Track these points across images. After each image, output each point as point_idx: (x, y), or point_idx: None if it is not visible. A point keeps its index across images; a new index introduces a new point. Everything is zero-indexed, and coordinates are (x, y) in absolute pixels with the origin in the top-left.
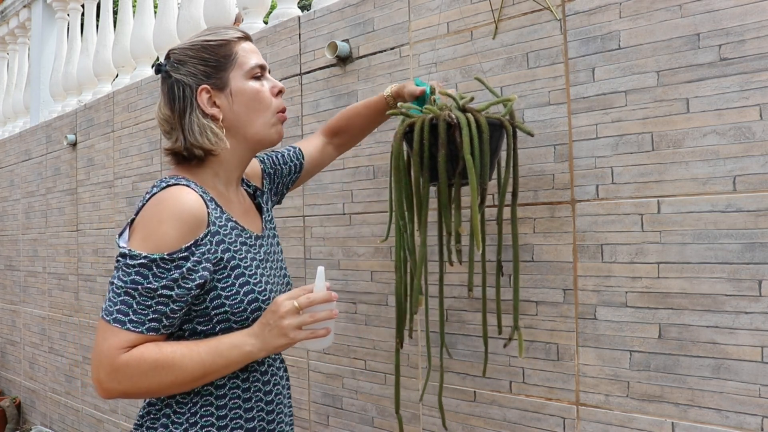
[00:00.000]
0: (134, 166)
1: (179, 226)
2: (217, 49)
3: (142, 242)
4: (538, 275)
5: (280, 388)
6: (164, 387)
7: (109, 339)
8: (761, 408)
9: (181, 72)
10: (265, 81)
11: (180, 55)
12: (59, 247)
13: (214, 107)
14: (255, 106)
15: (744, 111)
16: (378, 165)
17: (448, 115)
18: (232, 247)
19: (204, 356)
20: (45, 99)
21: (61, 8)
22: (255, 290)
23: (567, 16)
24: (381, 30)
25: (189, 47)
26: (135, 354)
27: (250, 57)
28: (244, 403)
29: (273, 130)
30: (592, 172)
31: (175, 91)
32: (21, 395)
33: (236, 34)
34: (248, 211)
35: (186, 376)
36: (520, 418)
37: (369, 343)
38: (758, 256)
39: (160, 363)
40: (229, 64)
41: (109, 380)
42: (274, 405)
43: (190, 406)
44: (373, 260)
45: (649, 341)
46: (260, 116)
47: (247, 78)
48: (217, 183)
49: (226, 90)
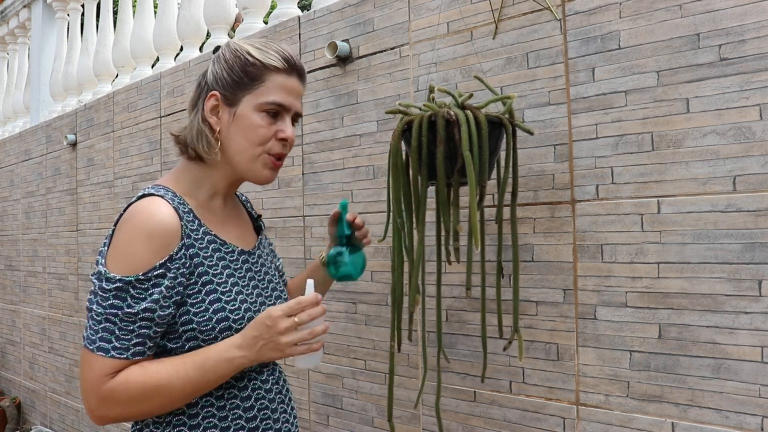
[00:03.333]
0: (134, 166)
1: (151, 243)
2: (248, 67)
3: (116, 263)
4: (538, 275)
5: (266, 402)
6: (156, 408)
7: (94, 368)
8: (761, 408)
9: (214, 67)
10: (279, 122)
11: (224, 51)
12: (59, 247)
13: (213, 117)
14: (248, 137)
15: (744, 111)
16: (378, 165)
17: (446, 111)
18: (207, 261)
19: (191, 373)
20: (45, 99)
21: (61, 8)
22: (226, 308)
23: (567, 16)
24: (381, 30)
25: (233, 50)
26: (120, 380)
27: (276, 92)
28: (221, 422)
29: (257, 168)
30: (592, 172)
31: (200, 80)
32: (21, 395)
33: (278, 64)
34: (240, 224)
35: (175, 395)
36: (520, 418)
37: (369, 343)
38: (758, 256)
39: (147, 387)
40: (250, 87)
41: (99, 408)
42: (258, 421)
43: (164, 425)
44: (373, 260)
45: (649, 341)
46: (248, 149)
47: (258, 110)
48: (200, 192)
49: (233, 109)
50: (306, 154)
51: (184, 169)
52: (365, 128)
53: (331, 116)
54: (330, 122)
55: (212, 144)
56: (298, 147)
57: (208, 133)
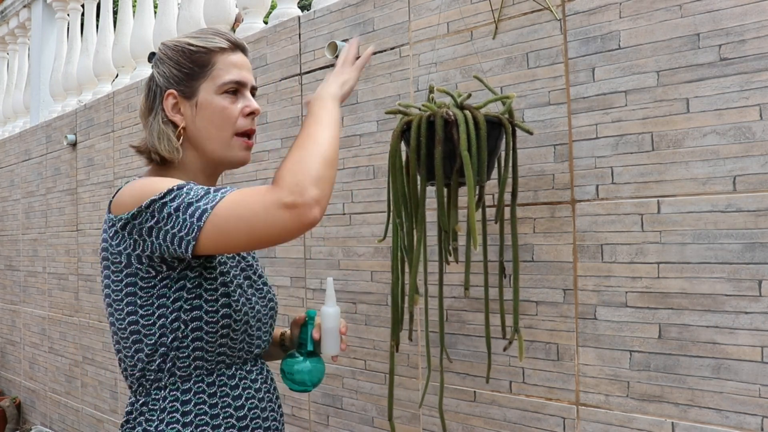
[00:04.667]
0: (134, 166)
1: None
2: (195, 56)
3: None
4: (538, 275)
5: (255, 402)
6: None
7: (251, 196)
8: (761, 408)
9: (159, 69)
10: (241, 99)
11: (163, 51)
12: (59, 247)
13: (177, 114)
14: (216, 122)
15: (744, 111)
16: (378, 165)
17: (445, 112)
18: (217, 257)
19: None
20: (45, 99)
21: (61, 8)
22: (232, 305)
23: (567, 16)
24: (381, 30)
25: (172, 47)
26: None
27: (228, 71)
28: (212, 420)
29: (233, 151)
30: (592, 172)
31: (150, 86)
32: (21, 395)
33: (221, 44)
34: None
35: (325, 143)
36: (520, 418)
37: (369, 343)
38: (758, 256)
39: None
40: (202, 74)
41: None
42: (248, 420)
43: (159, 412)
44: (373, 260)
45: (649, 341)
46: (219, 133)
47: (218, 92)
48: None
49: (193, 100)
50: None
51: (158, 171)
52: (365, 128)
53: None
54: None
55: (174, 143)
56: None
57: (170, 133)
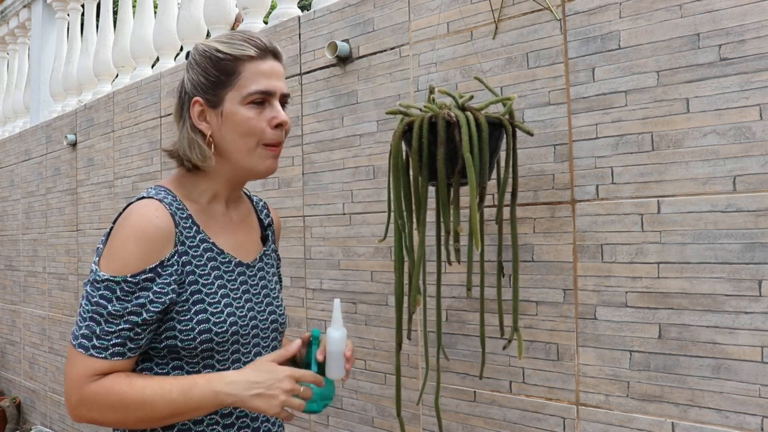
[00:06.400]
0: (134, 166)
1: (143, 246)
2: (221, 64)
3: (108, 262)
4: (538, 275)
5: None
6: (132, 422)
7: (76, 365)
8: (761, 408)
9: (189, 75)
10: (268, 109)
11: (194, 55)
12: (59, 247)
13: (203, 123)
14: (240, 132)
15: (744, 111)
16: (378, 165)
17: (447, 113)
18: (199, 270)
19: (176, 396)
20: (45, 99)
21: (61, 8)
22: (210, 320)
23: (567, 16)
24: (381, 30)
25: (201, 52)
26: (105, 385)
27: (255, 80)
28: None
29: (257, 161)
30: (592, 172)
31: (180, 90)
32: (21, 395)
33: (249, 51)
34: (244, 232)
35: (155, 414)
36: (520, 418)
37: (369, 343)
38: (758, 256)
39: (129, 398)
40: (228, 83)
41: (79, 407)
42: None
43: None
44: (373, 260)
45: (649, 341)
46: (243, 144)
47: (243, 103)
48: (202, 197)
49: (219, 109)
50: (306, 154)
51: (185, 175)
52: (365, 128)
53: (331, 116)
54: (330, 122)
55: (205, 152)
56: (298, 147)
57: (200, 141)
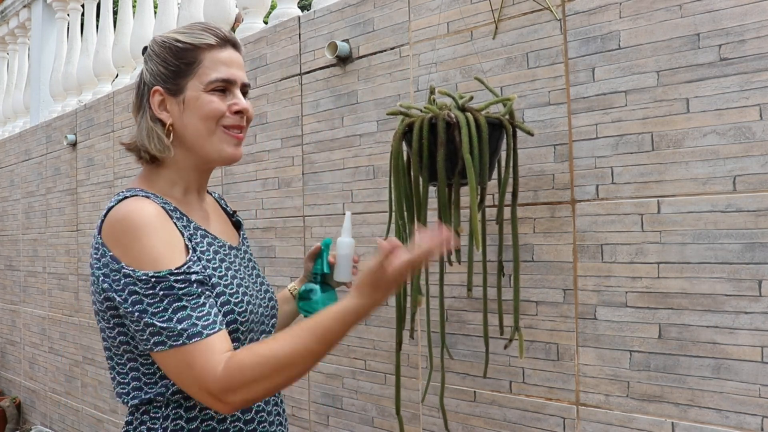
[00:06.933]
0: (134, 166)
1: (158, 233)
2: (181, 53)
3: (141, 265)
4: (538, 275)
5: (262, 404)
6: (281, 381)
7: (198, 358)
8: (761, 408)
9: (148, 66)
10: (229, 97)
11: (153, 47)
12: (59, 247)
13: (164, 112)
14: (200, 115)
15: (744, 111)
16: (378, 165)
17: (447, 114)
18: (205, 256)
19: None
20: (45, 99)
21: (61, 8)
22: (231, 301)
23: (567, 16)
24: (381, 30)
25: (160, 43)
26: (243, 355)
27: (216, 69)
28: (219, 424)
29: (218, 145)
30: (592, 172)
31: (139, 83)
32: (21, 395)
33: (208, 40)
34: (220, 221)
35: (308, 356)
36: (520, 418)
37: (369, 343)
38: (758, 256)
39: (270, 357)
40: (189, 71)
41: (225, 392)
42: (255, 424)
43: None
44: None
45: (649, 341)
46: (204, 127)
47: (204, 91)
48: (174, 190)
49: (180, 97)
50: (306, 154)
51: (149, 171)
52: (365, 128)
53: (331, 116)
54: (330, 122)
55: (164, 140)
56: (298, 147)
57: (159, 131)
